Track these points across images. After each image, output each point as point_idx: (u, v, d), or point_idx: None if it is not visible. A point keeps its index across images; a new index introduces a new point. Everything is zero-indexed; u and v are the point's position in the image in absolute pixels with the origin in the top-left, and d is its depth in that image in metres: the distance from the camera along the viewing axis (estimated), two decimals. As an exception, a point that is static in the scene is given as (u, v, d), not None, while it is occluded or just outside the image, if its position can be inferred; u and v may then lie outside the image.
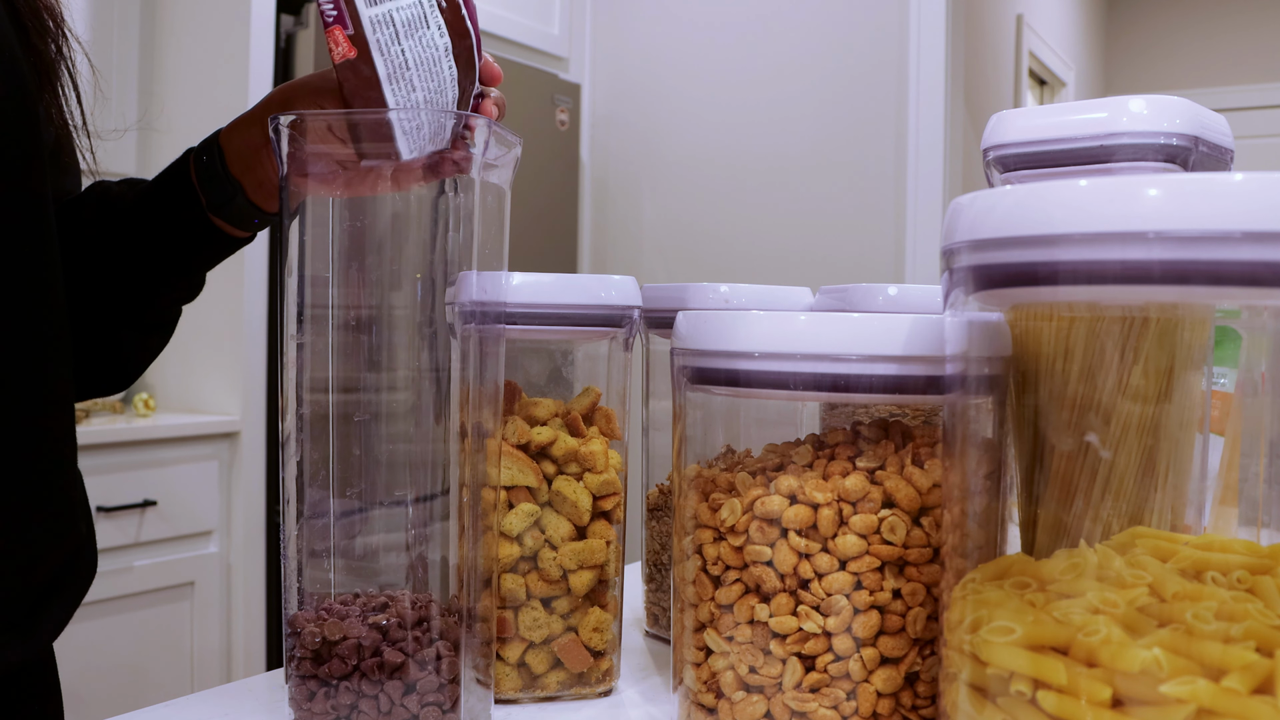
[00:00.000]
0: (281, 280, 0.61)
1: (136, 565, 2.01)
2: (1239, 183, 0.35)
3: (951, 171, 2.64)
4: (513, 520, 0.68)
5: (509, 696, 0.69)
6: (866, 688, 0.53)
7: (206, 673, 2.15)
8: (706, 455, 0.60)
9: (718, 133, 2.90)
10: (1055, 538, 0.48)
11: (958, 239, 0.43)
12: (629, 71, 3.05)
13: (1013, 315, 0.49)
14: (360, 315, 0.62)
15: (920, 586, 0.54)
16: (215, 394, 2.24)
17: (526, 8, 2.89)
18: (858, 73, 2.71)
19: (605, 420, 0.72)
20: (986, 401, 0.49)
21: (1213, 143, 0.58)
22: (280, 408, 0.62)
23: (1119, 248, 0.37)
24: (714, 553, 0.57)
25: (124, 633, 1.99)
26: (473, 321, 0.61)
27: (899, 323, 0.53)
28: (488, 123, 0.60)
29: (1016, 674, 0.40)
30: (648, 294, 0.81)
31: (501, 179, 0.64)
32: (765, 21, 2.84)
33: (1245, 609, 0.39)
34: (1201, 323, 0.49)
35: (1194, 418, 0.50)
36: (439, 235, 0.62)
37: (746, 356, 0.55)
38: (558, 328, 0.69)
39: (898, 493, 0.54)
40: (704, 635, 0.57)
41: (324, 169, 0.60)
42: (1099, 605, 0.40)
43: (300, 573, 0.61)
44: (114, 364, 0.81)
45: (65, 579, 0.74)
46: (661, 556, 0.84)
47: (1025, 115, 0.60)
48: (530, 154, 2.49)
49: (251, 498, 2.20)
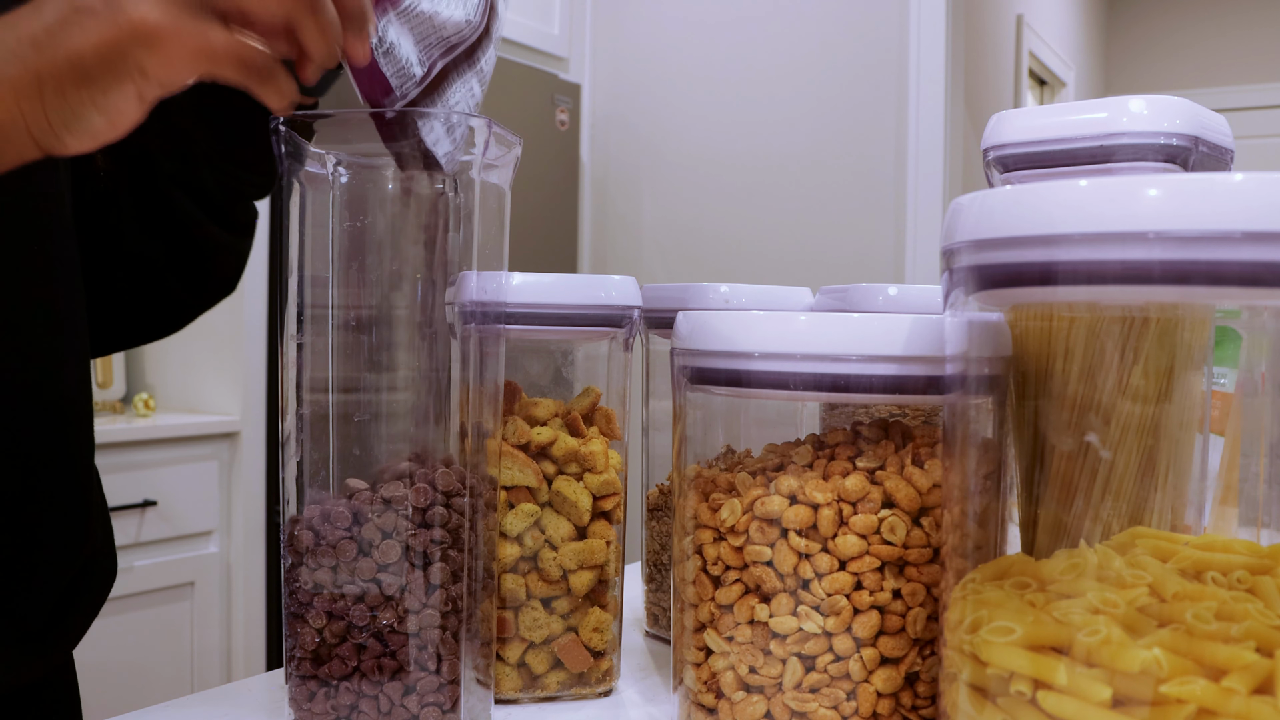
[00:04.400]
0: (282, 280, 0.61)
1: (136, 565, 2.01)
2: (1239, 183, 0.35)
3: (951, 171, 2.64)
4: (513, 520, 0.68)
5: (509, 696, 0.69)
6: (866, 688, 0.53)
7: (206, 673, 2.15)
8: (706, 455, 0.60)
9: (718, 132, 2.90)
10: (1055, 538, 0.49)
11: (958, 239, 0.43)
12: (629, 71, 3.05)
13: (1013, 315, 0.49)
14: (360, 315, 0.62)
15: (920, 586, 0.54)
16: (215, 394, 2.24)
17: (526, 8, 2.89)
18: (858, 73, 2.71)
19: (605, 420, 0.72)
20: (986, 401, 0.49)
21: (1213, 143, 0.58)
22: (280, 408, 0.62)
23: (1119, 248, 0.37)
24: (714, 553, 0.57)
25: (124, 633, 1.99)
26: (473, 322, 0.61)
27: (899, 323, 0.53)
28: (487, 122, 0.60)
29: (1016, 674, 0.40)
30: (648, 294, 0.81)
31: (501, 179, 0.64)
32: (765, 22, 2.84)
33: (1245, 609, 0.39)
34: (1201, 323, 0.49)
35: (1194, 418, 0.50)
36: (439, 235, 0.62)
37: (747, 357, 0.55)
38: (558, 328, 0.69)
39: (898, 493, 0.54)
40: (704, 635, 0.57)
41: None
42: (1099, 605, 0.40)
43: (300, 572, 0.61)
44: (216, 267, 0.82)
45: (83, 585, 0.74)
46: (661, 556, 0.84)
47: (1025, 115, 0.60)
48: (530, 154, 2.49)
49: (251, 498, 2.20)
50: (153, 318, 0.83)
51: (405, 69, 0.60)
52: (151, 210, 0.77)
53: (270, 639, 2.26)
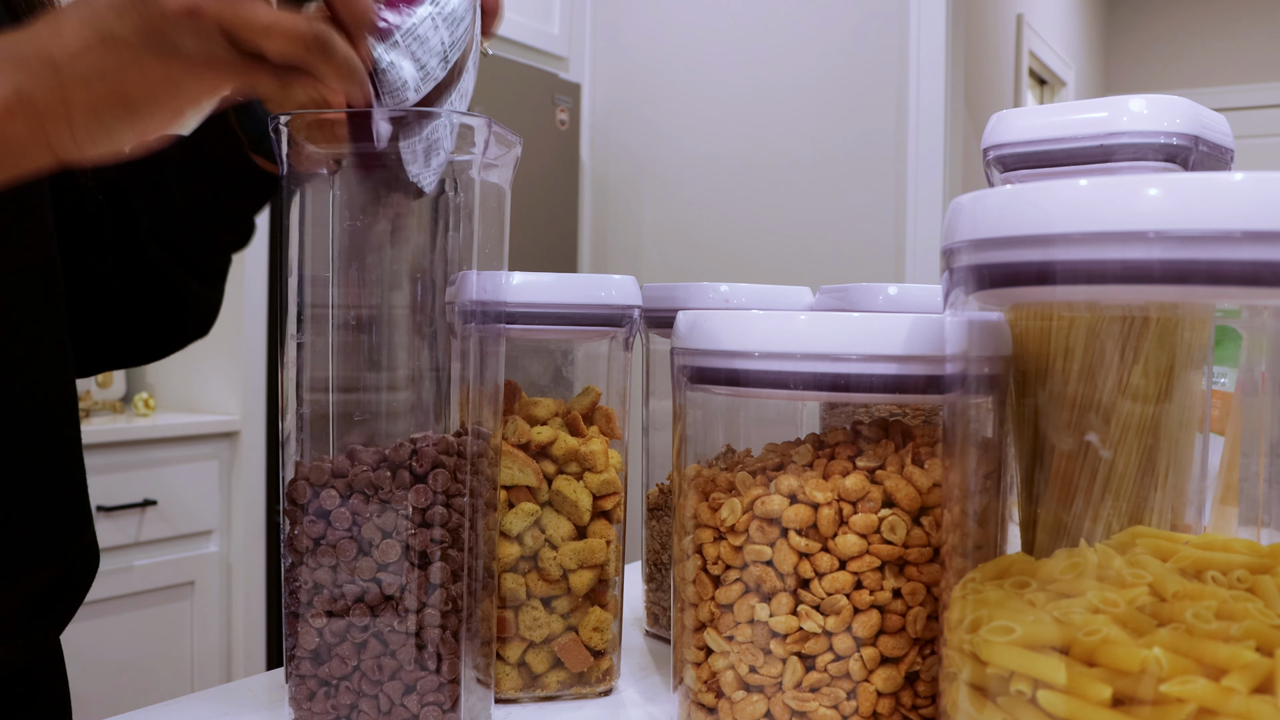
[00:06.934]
0: (282, 280, 0.61)
1: (136, 565, 2.01)
2: (1239, 182, 0.35)
3: (951, 171, 2.64)
4: (513, 520, 0.68)
5: (509, 696, 0.69)
6: (866, 687, 0.53)
7: (206, 673, 2.15)
8: (706, 455, 0.60)
9: (718, 132, 2.90)
10: (1055, 537, 0.49)
11: (958, 239, 0.43)
12: (629, 71, 3.05)
13: (1013, 315, 0.49)
14: (360, 315, 0.62)
15: (920, 586, 0.54)
16: (215, 394, 2.24)
17: (526, 7, 2.89)
18: (858, 73, 2.71)
19: (605, 420, 0.72)
20: (986, 401, 0.49)
21: (1213, 142, 0.58)
22: (280, 408, 0.62)
23: (1119, 247, 0.37)
24: (714, 552, 0.57)
25: (124, 632, 1.99)
26: (473, 321, 0.61)
27: (899, 322, 0.53)
28: (487, 122, 0.60)
29: (1016, 674, 0.40)
30: (648, 294, 0.81)
31: (501, 179, 0.64)
32: (765, 21, 2.84)
33: (1245, 608, 0.39)
34: (1201, 323, 0.49)
35: (1194, 417, 0.50)
36: (439, 235, 0.62)
37: (746, 356, 0.55)
38: (558, 327, 0.69)
39: (898, 492, 0.54)
40: (704, 635, 0.57)
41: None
42: (1099, 605, 0.40)
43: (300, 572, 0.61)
44: (190, 315, 0.86)
45: (68, 576, 0.74)
46: (661, 556, 0.84)
47: (1025, 115, 0.60)
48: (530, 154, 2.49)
49: (251, 498, 2.20)
50: (128, 350, 0.86)
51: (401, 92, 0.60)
52: (128, 258, 0.80)
53: (270, 639, 2.26)
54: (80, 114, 0.50)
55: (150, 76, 0.50)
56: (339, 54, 0.52)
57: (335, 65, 0.52)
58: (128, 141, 0.52)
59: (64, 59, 0.49)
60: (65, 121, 0.50)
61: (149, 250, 0.79)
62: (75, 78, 0.49)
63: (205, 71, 0.50)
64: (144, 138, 0.52)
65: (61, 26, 0.50)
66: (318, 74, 0.52)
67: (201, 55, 0.50)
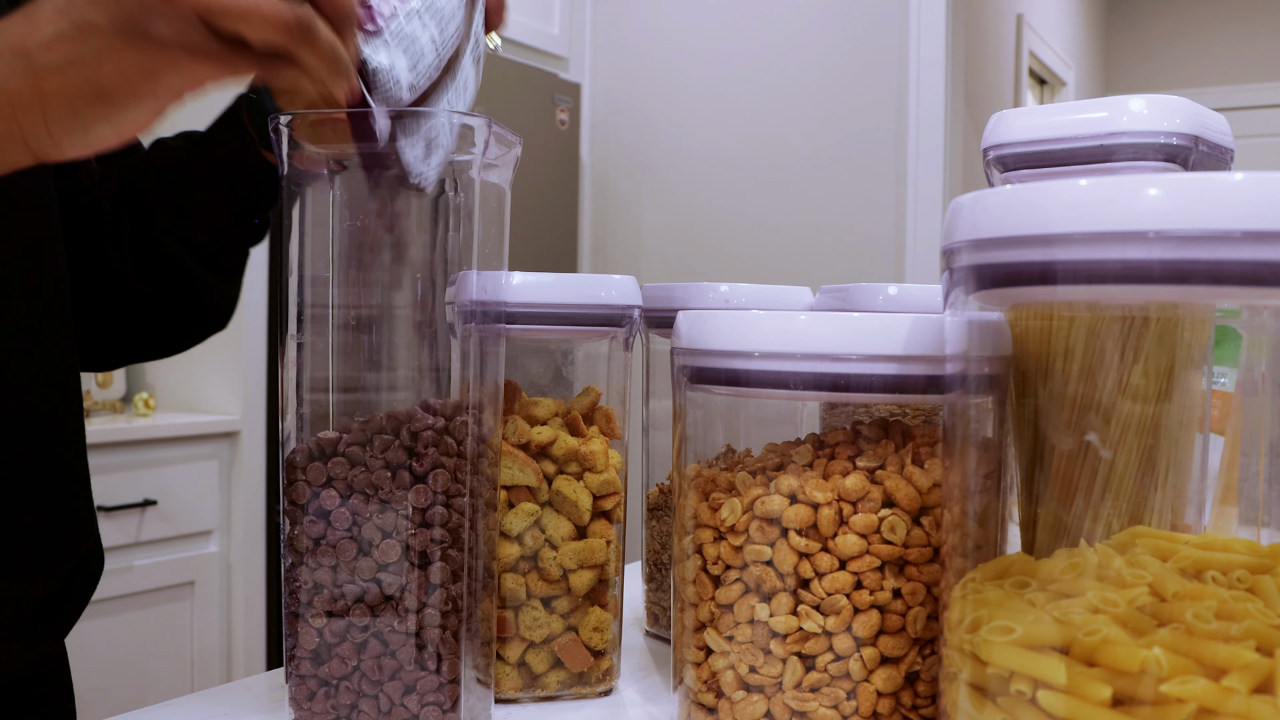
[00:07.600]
0: (282, 280, 0.61)
1: (136, 565, 2.01)
2: (1239, 182, 0.35)
3: (951, 171, 2.64)
4: (513, 520, 0.68)
5: (509, 696, 0.69)
6: (866, 687, 0.53)
7: (206, 673, 2.15)
8: (706, 455, 0.60)
9: (718, 132, 2.90)
10: (1055, 537, 0.49)
11: (958, 239, 0.43)
12: (629, 71, 3.05)
13: (1013, 315, 0.49)
14: (360, 315, 0.62)
15: (920, 586, 0.54)
16: (215, 394, 2.24)
17: (526, 7, 2.89)
18: (858, 72, 2.71)
19: (605, 420, 0.72)
20: (986, 401, 0.49)
21: (1213, 142, 0.58)
22: (280, 408, 0.62)
23: (1119, 247, 0.37)
24: (714, 552, 0.57)
25: (124, 632, 1.99)
26: (473, 321, 0.61)
27: (899, 322, 0.53)
28: (487, 122, 0.60)
29: (1016, 674, 0.40)
30: (648, 294, 0.81)
31: (501, 179, 0.64)
32: (765, 21, 2.84)
33: (1245, 608, 0.39)
34: (1201, 323, 0.49)
35: (1194, 417, 0.50)
36: (439, 235, 0.62)
37: (746, 356, 0.55)
38: (558, 327, 0.69)
39: (898, 492, 0.54)
40: (704, 635, 0.57)
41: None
42: (1099, 605, 0.40)
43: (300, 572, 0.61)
44: (208, 310, 0.85)
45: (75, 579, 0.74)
46: (661, 556, 0.84)
47: (1025, 115, 0.60)
48: (530, 154, 2.49)
49: (251, 498, 2.20)
50: (147, 345, 0.86)
51: (394, 93, 0.60)
52: (146, 256, 0.80)
53: (270, 639, 2.26)
54: (55, 106, 0.48)
55: (127, 66, 0.48)
56: (323, 40, 0.51)
57: (319, 52, 0.51)
58: (106, 137, 0.50)
59: (37, 48, 0.47)
60: (40, 114, 0.48)
61: (166, 246, 0.80)
62: (49, 67, 0.47)
63: (184, 60, 0.48)
64: (123, 133, 0.51)
65: (36, 16, 0.48)
66: (301, 62, 0.51)
67: (179, 43, 0.48)
